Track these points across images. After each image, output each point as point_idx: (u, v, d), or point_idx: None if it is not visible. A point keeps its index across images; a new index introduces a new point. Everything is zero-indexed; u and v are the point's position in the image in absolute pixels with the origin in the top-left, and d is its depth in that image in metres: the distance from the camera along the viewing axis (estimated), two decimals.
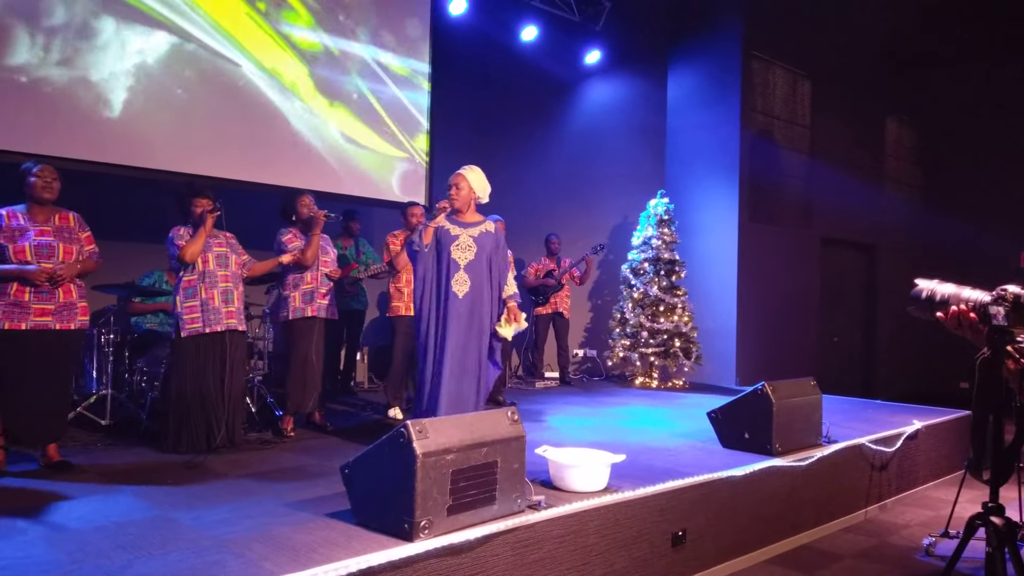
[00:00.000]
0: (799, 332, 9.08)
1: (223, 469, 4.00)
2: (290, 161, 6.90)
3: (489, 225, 4.52)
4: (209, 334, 4.46)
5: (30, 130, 5.51)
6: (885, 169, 10.85)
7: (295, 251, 5.00)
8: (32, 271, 3.79)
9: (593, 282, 9.16)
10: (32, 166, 3.96)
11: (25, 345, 3.80)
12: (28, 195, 3.93)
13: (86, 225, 4.15)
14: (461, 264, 4.35)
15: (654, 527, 3.56)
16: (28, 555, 2.63)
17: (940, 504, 5.25)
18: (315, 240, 5.00)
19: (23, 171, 3.95)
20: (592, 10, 9.11)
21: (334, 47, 7.23)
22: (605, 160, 9.24)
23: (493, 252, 4.47)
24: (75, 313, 3.98)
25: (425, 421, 2.84)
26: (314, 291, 5.08)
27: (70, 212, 4.10)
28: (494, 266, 4.46)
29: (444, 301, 4.31)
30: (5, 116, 5.40)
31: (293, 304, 5.05)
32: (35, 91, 5.54)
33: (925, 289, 2.08)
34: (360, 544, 2.71)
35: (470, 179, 4.46)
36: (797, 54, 9.06)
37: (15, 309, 3.78)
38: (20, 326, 3.78)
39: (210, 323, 4.45)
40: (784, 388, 4.55)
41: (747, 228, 8.31)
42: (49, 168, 3.99)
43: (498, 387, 6.58)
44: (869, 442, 5.03)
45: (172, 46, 6.19)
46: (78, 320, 4.00)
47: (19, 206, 3.94)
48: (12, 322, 3.77)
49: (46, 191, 3.93)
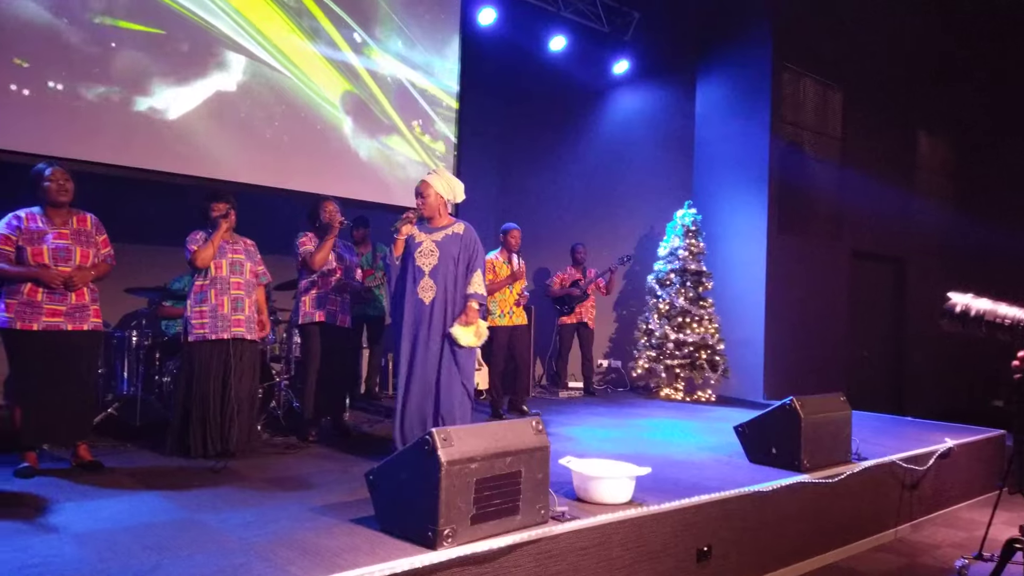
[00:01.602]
0: (828, 346, 8.97)
1: (248, 473, 4.03)
2: (319, 167, 6.97)
3: (458, 227, 4.41)
4: (214, 340, 4.44)
5: (66, 135, 5.61)
6: (917, 181, 10.71)
7: (306, 253, 5.02)
8: (49, 275, 3.83)
9: (618, 292, 9.12)
10: (44, 168, 3.95)
11: (38, 345, 3.84)
12: (43, 199, 3.94)
13: (103, 228, 4.16)
14: (425, 270, 4.29)
15: (679, 542, 3.52)
16: (59, 553, 2.66)
17: (973, 525, 5.14)
18: (326, 245, 4.98)
19: (35, 174, 3.95)
20: (621, 21, 9.12)
21: (366, 55, 7.30)
22: (632, 170, 9.21)
23: (460, 254, 4.34)
24: (87, 315, 4.00)
25: (450, 429, 2.84)
26: (324, 296, 5.09)
27: (87, 214, 4.11)
28: (460, 269, 4.33)
29: (415, 310, 4.26)
30: (47, 122, 5.51)
31: (303, 309, 5.07)
32: (77, 99, 5.65)
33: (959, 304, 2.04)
34: (384, 551, 2.72)
35: (435, 185, 4.39)
36: (828, 65, 8.99)
37: (28, 309, 3.81)
38: (32, 326, 3.82)
39: (216, 330, 4.44)
40: (813, 403, 4.49)
41: (776, 239, 8.23)
42: (61, 170, 3.98)
43: (522, 397, 6.58)
44: (900, 460, 4.94)
45: (203, 51, 6.28)
46: (91, 322, 4.02)
47: (36, 208, 3.95)
48: (24, 322, 3.80)
49: (60, 194, 3.94)
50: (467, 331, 4.24)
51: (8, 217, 3.88)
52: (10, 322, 3.79)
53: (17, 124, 5.40)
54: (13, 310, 3.80)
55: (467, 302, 4.29)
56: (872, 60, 9.55)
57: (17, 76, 5.39)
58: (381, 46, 7.43)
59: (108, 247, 4.16)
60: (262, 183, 6.58)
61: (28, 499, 3.38)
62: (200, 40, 6.24)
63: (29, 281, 3.82)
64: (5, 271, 3.81)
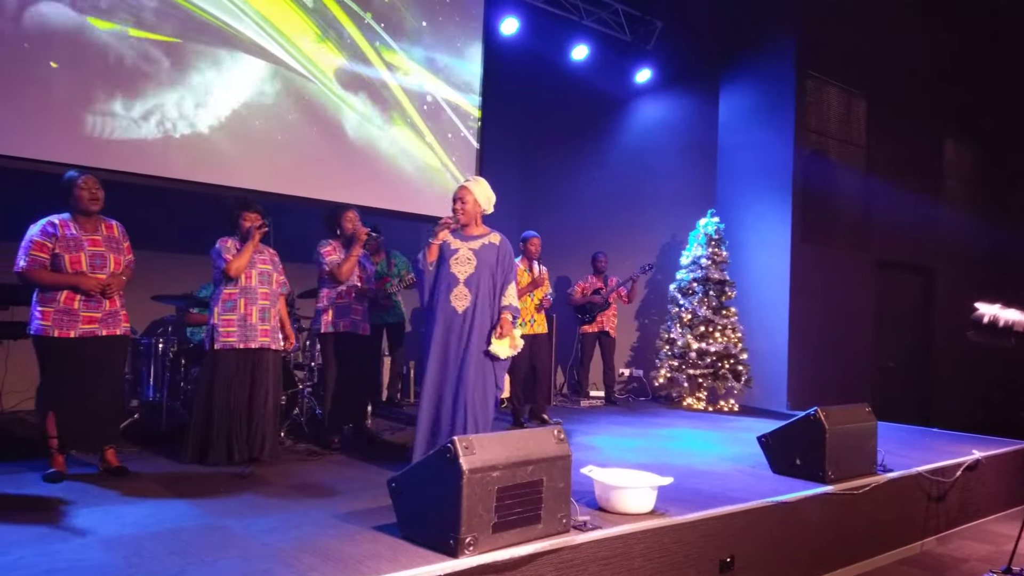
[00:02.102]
0: (853, 356, 8.88)
1: (272, 479, 4.06)
2: (335, 176, 7.02)
3: (494, 237, 4.35)
4: (242, 349, 4.47)
5: (93, 144, 5.70)
6: (944, 189, 10.58)
7: (332, 264, 5.04)
8: (88, 283, 3.88)
9: (640, 301, 9.10)
10: (76, 177, 3.98)
11: (74, 351, 3.88)
12: (74, 206, 3.97)
13: (127, 234, 4.20)
14: (460, 278, 4.20)
15: (702, 553, 3.50)
16: (85, 558, 2.70)
17: (1002, 539, 5.06)
18: (353, 257, 5.02)
19: (67, 182, 3.97)
20: (643, 29, 9.12)
21: (389, 62, 7.36)
22: (654, 178, 9.20)
23: (496, 265, 4.29)
24: (119, 320, 4.06)
25: (472, 437, 2.85)
26: (348, 306, 5.11)
27: (113, 221, 4.16)
28: (497, 280, 4.29)
29: (448, 318, 4.18)
30: (71, 131, 5.61)
31: (326, 318, 5.09)
32: (100, 107, 5.74)
33: (987, 314, 2.03)
34: (406, 558, 2.73)
35: (476, 192, 4.34)
36: (852, 73, 8.92)
37: (65, 317, 3.86)
38: (69, 334, 3.86)
39: (245, 339, 4.46)
40: (838, 414, 4.45)
41: (800, 248, 8.17)
42: (93, 179, 4.01)
43: (543, 405, 6.58)
44: (926, 471, 4.88)
45: (226, 60, 6.36)
46: (122, 327, 4.08)
47: (65, 215, 3.98)
48: (62, 330, 3.85)
49: (92, 202, 3.98)
50: (503, 344, 4.22)
51: (42, 223, 3.91)
52: (47, 330, 3.83)
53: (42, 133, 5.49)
54: (50, 318, 3.84)
55: (502, 314, 4.25)
56: (897, 67, 9.47)
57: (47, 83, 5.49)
58: (405, 54, 7.49)
59: (130, 253, 4.21)
60: (280, 191, 6.62)
61: (56, 503, 3.43)
62: (222, 47, 6.32)
63: (67, 288, 3.86)
64: (42, 278, 3.84)
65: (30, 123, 5.44)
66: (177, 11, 6.06)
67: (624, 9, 8.91)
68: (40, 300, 3.87)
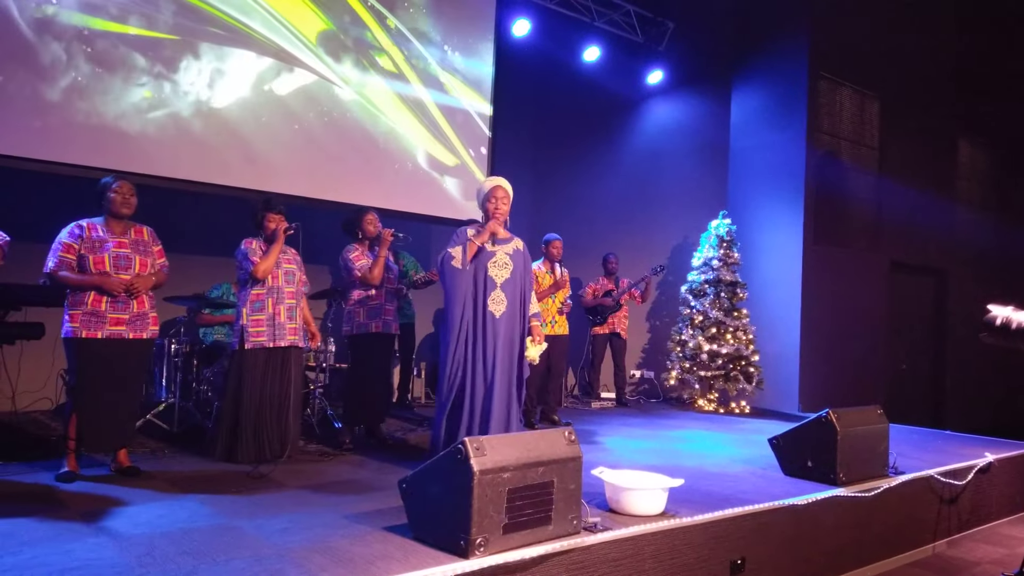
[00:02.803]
0: (865, 358, 8.83)
1: (283, 479, 4.08)
2: (350, 178, 7.05)
3: (518, 243, 4.39)
4: (273, 348, 4.55)
5: (108, 146, 5.75)
6: (957, 192, 10.52)
7: (363, 269, 5.07)
8: (111, 282, 3.94)
9: (652, 303, 9.09)
10: (111, 182, 4.08)
11: (101, 353, 3.93)
12: (107, 209, 4.06)
13: (158, 239, 4.27)
14: (498, 282, 4.21)
15: (712, 555, 3.49)
16: (99, 557, 2.72)
17: (1014, 542, 5.02)
18: (382, 259, 5.06)
19: (102, 186, 4.08)
20: (656, 31, 9.12)
21: (400, 65, 7.38)
22: (666, 180, 9.19)
23: (524, 272, 4.33)
24: (147, 323, 4.11)
25: (483, 439, 2.85)
26: (381, 307, 5.14)
27: (144, 226, 4.23)
28: (525, 287, 4.32)
29: (482, 321, 4.16)
30: (88, 136, 5.66)
31: (358, 319, 5.11)
32: (115, 112, 5.79)
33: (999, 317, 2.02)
34: (416, 559, 2.74)
35: (510, 193, 4.36)
36: (865, 75, 8.89)
37: (92, 318, 3.91)
38: (96, 335, 3.92)
39: (275, 338, 4.54)
40: (849, 416, 4.43)
41: (812, 250, 8.14)
42: (127, 184, 4.12)
43: (554, 407, 6.58)
44: (938, 474, 4.85)
45: (243, 63, 6.39)
46: (149, 330, 4.13)
47: (97, 219, 4.08)
48: (89, 331, 3.90)
49: (124, 207, 4.07)
50: (537, 349, 4.33)
51: (71, 226, 4.00)
52: (75, 331, 3.89)
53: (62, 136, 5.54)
54: (78, 320, 3.89)
55: (531, 321, 4.34)
56: (910, 69, 9.43)
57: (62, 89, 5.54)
58: (417, 55, 7.51)
59: (163, 257, 4.27)
60: (297, 193, 6.66)
61: (69, 503, 3.46)
62: (237, 48, 6.35)
63: (91, 289, 3.92)
64: (67, 279, 3.90)
65: (45, 125, 5.49)
66: (192, 12, 6.10)
67: (636, 10, 8.91)
68: (70, 304, 3.92)
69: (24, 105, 5.39)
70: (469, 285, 4.19)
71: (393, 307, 5.26)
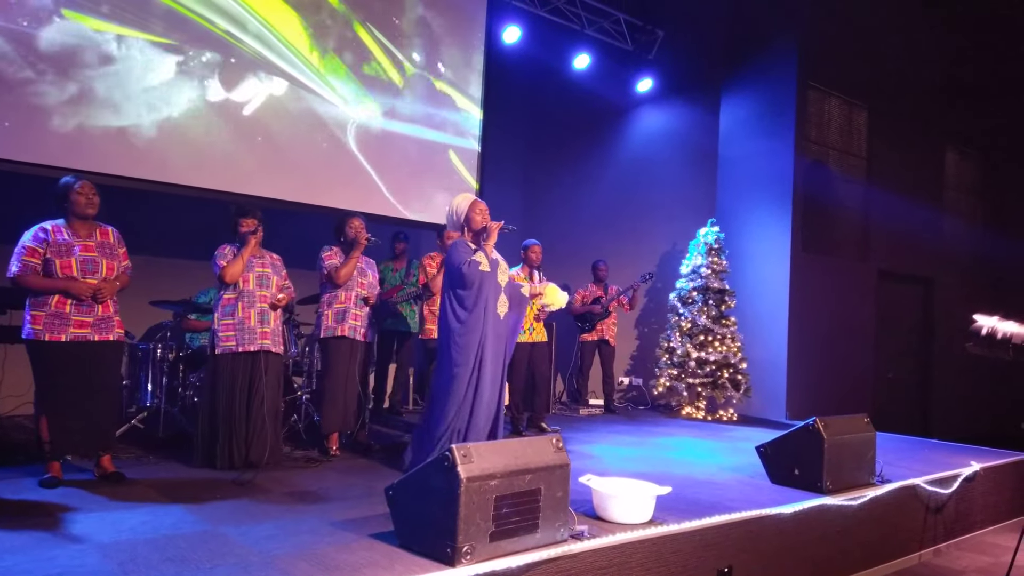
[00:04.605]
0: (853, 366, 8.87)
1: (269, 486, 4.05)
2: (342, 184, 7.04)
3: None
4: (241, 353, 4.51)
5: (90, 148, 5.72)
6: (944, 201, 10.60)
7: (331, 268, 5.06)
8: (78, 287, 3.88)
9: (640, 310, 9.10)
10: (73, 182, 3.99)
11: (65, 356, 3.87)
12: (70, 211, 3.98)
13: (123, 240, 4.21)
14: (502, 287, 4.48)
15: (699, 562, 3.49)
16: (82, 564, 2.70)
17: (999, 550, 5.05)
18: (352, 261, 5.04)
19: (63, 187, 3.98)
20: (645, 39, 9.16)
21: (391, 73, 7.38)
22: (655, 187, 9.21)
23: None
24: (112, 325, 4.04)
25: (470, 445, 2.84)
26: (346, 311, 5.10)
27: (108, 227, 4.16)
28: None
29: (492, 323, 4.38)
30: (67, 135, 5.62)
31: (326, 323, 5.09)
32: (99, 111, 5.76)
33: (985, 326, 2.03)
34: (402, 566, 2.72)
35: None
36: (853, 84, 8.95)
37: (56, 321, 3.85)
38: (60, 337, 3.86)
39: (243, 342, 4.51)
40: (836, 424, 4.45)
41: (800, 258, 8.18)
42: (89, 184, 4.03)
43: (541, 413, 6.57)
44: (924, 483, 4.87)
45: (233, 67, 6.38)
46: (115, 332, 4.07)
47: (59, 221, 3.99)
48: (53, 334, 3.84)
49: (88, 207, 3.99)
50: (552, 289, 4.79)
51: (34, 229, 3.92)
52: (38, 334, 3.83)
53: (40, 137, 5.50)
54: (41, 322, 3.84)
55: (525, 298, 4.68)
56: (898, 79, 9.50)
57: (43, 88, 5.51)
58: (406, 61, 7.51)
59: (127, 260, 4.21)
60: (287, 198, 6.66)
61: (52, 509, 3.42)
62: (225, 55, 6.34)
63: (57, 293, 3.87)
64: (33, 283, 3.85)
65: (24, 127, 5.46)
66: (182, 20, 6.09)
67: (626, 18, 8.95)
68: (31, 305, 3.87)
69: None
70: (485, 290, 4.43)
71: (364, 313, 5.22)
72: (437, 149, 7.78)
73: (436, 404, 4.36)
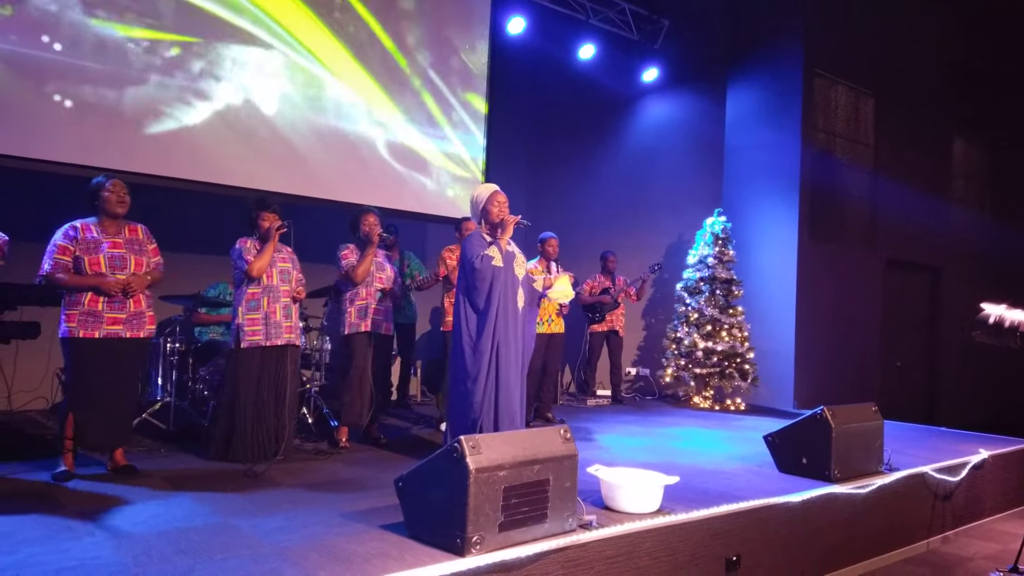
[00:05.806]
0: (860, 355, 8.86)
1: (279, 478, 4.08)
2: (348, 177, 7.05)
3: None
4: (269, 347, 4.55)
5: (104, 145, 5.74)
6: (952, 189, 10.55)
7: (348, 267, 5.08)
8: (108, 282, 3.93)
9: (647, 300, 9.10)
10: (104, 181, 4.06)
11: (98, 352, 3.93)
12: (101, 209, 4.04)
13: (152, 237, 4.26)
14: (519, 279, 4.44)
15: (708, 551, 3.51)
16: (96, 556, 2.73)
17: (1008, 537, 5.05)
18: (367, 258, 5.06)
19: (95, 186, 4.05)
20: (650, 28, 9.12)
21: (397, 63, 7.38)
22: (662, 178, 9.20)
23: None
24: (144, 322, 4.10)
25: (479, 437, 2.86)
26: (367, 307, 5.14)
27: (138, 225, 4.21)
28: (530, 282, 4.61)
29: (512, 315, 4.36)
30: (82, 134, 5.65)
31: (349, 319, 5.11)
32: (112, 107, 5.78)
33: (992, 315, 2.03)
34: (412, 557, 2.75)
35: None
36: (860, 72, 8.90)
37: (89, 318, 3.91)
38: (94, 334, 3.91)
39: (271, 336, 4.55)
40: (844, 413, 4.45)
41: (807, 247, 8.16)
42: (120, 183, 4.09)
43: (548, 404, 6.59)
44: (933, 471, 4.88)
45: (243, 64, 6.39)
46: (146, 329, 4.12)
47: (90, 219, 4.06)
48: (87, 331, 3.90)
49: (119, 205, 4.05)
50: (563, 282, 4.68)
51: (65, 228, 3.98)
52: (72, 331, 3.88)
53: (58, 135, 5.54)
54: (75, 320, 3.89)
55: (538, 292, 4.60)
56: (905, 67, 9.45)
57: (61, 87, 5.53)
58: (412, 55, 7.50)
59: (158, 255, 4.26)
60: (295, 192, 6.66)
61: (66, 502, 3.46)
62: (238, 48, 6.35)
63: (88, 290, 3.91)
64: (64, 280, 3.89)
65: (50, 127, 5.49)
66: (196, 15, 6.10)
67: (631, 8, 8.91)
68: (66, 304, 3.92)
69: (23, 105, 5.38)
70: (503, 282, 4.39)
71: (384, 307, 5.25)
72: (442, 140, 7.77)
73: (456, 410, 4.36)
